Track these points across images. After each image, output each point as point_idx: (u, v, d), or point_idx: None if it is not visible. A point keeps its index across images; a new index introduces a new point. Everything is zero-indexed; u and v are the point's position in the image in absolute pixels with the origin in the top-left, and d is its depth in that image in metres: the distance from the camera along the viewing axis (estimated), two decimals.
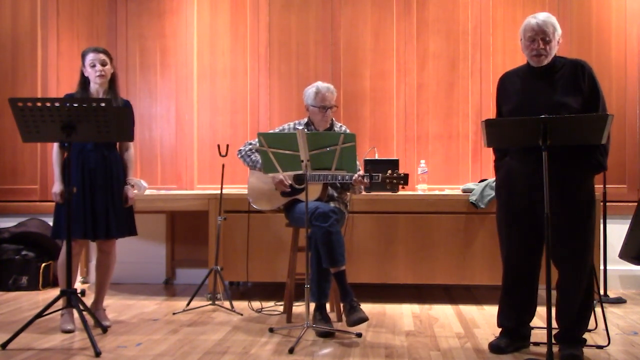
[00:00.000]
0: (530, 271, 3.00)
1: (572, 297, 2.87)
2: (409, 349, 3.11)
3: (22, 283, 4.70)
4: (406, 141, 4.96)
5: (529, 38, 2.90)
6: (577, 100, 2.84)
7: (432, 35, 4.96)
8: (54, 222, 3.55)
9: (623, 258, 4.23)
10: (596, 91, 2.85)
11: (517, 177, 2.94)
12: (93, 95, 3.56)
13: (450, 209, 4.22)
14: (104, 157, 3.51)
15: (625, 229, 4.21)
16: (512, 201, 2.97)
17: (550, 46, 2.89)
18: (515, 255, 2.99)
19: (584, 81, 2.85)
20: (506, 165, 3.02)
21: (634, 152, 4.78)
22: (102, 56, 3.52)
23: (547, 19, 2.89)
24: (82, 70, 3.57)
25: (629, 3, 4.81)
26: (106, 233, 3.49)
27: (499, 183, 3.09)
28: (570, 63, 2.92)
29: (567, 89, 2.86)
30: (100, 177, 3.49)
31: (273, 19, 5.07)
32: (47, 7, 5.19)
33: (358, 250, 4.23)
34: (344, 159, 3.24)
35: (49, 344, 3.18)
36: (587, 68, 2.88)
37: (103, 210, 3.47)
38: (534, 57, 2.90)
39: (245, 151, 3.81)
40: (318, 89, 3.68)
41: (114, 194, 3.52)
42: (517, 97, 2.97)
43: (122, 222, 3.55)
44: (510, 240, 3.00)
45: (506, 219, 3.01)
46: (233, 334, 3.39)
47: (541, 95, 2.88)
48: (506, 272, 3.04)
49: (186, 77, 5.13)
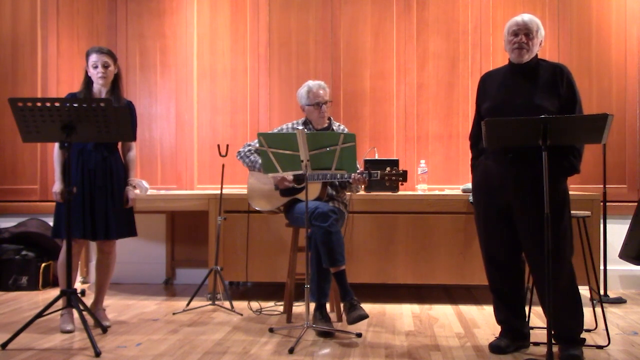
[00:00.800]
0: (514, 267, 3.02)
1: (550, 288, 2.84)
2: (409, 349, 3.11)
3: (22, 283, 4.71)
4: (406, 141, 4.96)
5: (512, 32, 2.94)
6: (554, 104, 2.86)
7: (432, 35, 4.96)
8: (54, 222, 3.55)
9: (623, 258, 4.23)
10: (573, 96, 2.89)
11: (493, 176, 2.95)
12: (96, 95, 3.55)
13: (450, 209, 4.22)
14: (104, 158, 3.51)
15: (625, 229, 4.21)
16: (489, 200, 2.99)
17: (533, 43, 2.92)
18: (495, 253, 3.01)
19: (562, 85, 2.88)
20: (482, 165, 3.04)
21: (634, 152, 4.78)
22: (104, 58, 3.50)
23: (532, 18, 2.95)
24: (86, 70, 3.56)
25: (629, 3, 4.81)
26: (105, 234, 3.49)
27: (475, 183, 3.10)
28: (550, 66, 2.96)
29: (545, 91, 2.89)
30: (100, 178, 3.48)
31: (273, 19, 5.07)
32: (47, 7, 5.19)
33: (358, 250, 4.23)
34: (344, 159, 3.24)
35: (49, 344, 3.18)
36: (565, 72, 2.91)
37: (102, 211, 3.47)
38: (516, 49, 2.92)
39: (244, 152, 3.82)
40: (309, 87, 3.71)
41: (114, 195, 3.51)
42: (496, 96, 3.00)
43: (122, 223, 3.55)
44: (489, 239, 3.03)
45: (484, 218, 3.03)
46: (233, 334, 3.39)
47: (520, 95, 2.92)
48: (489, 270, 3.07)
49: (186, 77, 5.13)
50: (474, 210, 3.13)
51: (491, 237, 3.02)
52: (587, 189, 4.59)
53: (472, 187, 3.16)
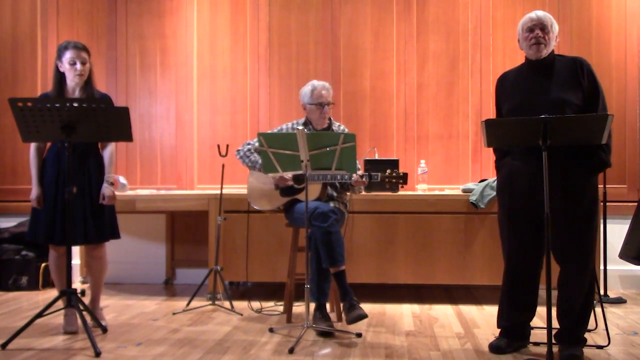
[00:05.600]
0: (532, 272, 2.99)
1: (575, 296, 2.87)
2: (409, 349, 3.11)
3: (22, 283, 4.71)
4: (406, 141, 4.96)
5: (527, 29, 2.92)
6: (577, 97, 2.83)
7: (432, 35, 4.96)
8: (29, 225, 3.42)
9: (623, 258, 4.22)
10: (596, 87, 2.86)
11: (519, 177, 2.93)
12: (69, 92, 3.42)
13: (450, 209, 4.22)
14: (81, 160, 3.39)
15: (625, 229, 4.21)
16: (514, 201, 2.96)
17: (549, 37, 2.90)
18: (517, 255, 2.98)
19: (584, 77, 2.85)
20: (507, 165, 3.01)
21: (634, 152, 4.78)
22: (83, 54, 3.36)
23: (545, 14, 2.95)
24: (57, 65, 3.38)
25: (629, 3, 4.81)
26: (84, 238, 3.37)
27: (500, 183, 3.07)
28: (569, 60, 2.94)
29: (567, 85, 2.85)
30: (77, 181, 3.32)
31: (273, 19, 5.07)
32: (47, 7, 5.19)
33: (358, 250, 4.23)
34: (344, 159, 3.24)
35: (49, 344, 3.18)
36: (586, 64, 2.88)
37: (80, 215, 3.33)
38: (534, 45, 2.89)
39: (244, 151, 3.81)
40: (314, 87, 3.70)
41: (92, 198, 3.38)
42: (516, 95, 2.96)
43: (102, 226, 3.42)
44: (512, 240, 2.99)
45: (508, 219, 2.99)
46: (233, 334, 3.39)
47: (541, 92, 2.88)
48: (507, 272, 3.04)
49: (186, 77, 5.13)
50: (498, 210, 3.08)
51: (515, 238, 2.97)
52: None
53: (497, 188, 3.12)
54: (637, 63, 4.79)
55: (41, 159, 3.46)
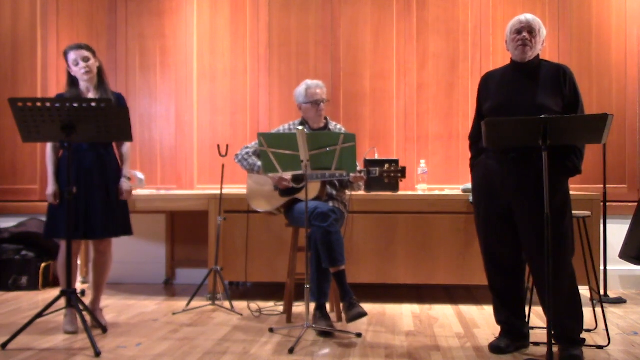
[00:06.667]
0: (514, 266, 3.02)
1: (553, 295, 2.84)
2: (409, 349, 3.11)
3: (22, 283, 4.71)
4: (406, 141, 4.96)
5: (515, 31, 2.95)
6: (557, 104, 2.87)
7: (432, 35, 4.96)
8: (46, 222, 3.53)
9: (623, 258, 4.23)
10: (576, 97, 2.91)
11: (494, 176, 2.95)
12: (83, 92, 3.51)
13: (450, 209, 4.22)
14: (99, 156, 3.49)
15: (625, 229, 4.21)
16: (490, 201, 2.98)
17: (536, 40, 2.93)
18: (494, 253, 3.02)
19: (566, 86, 2.89)
20: (482, 164, 3.03)
21: (634, 152, 4.78)
22: (83, 52, 3.45)
23: (535, 17, 2.97)
24: (68, 70, 3.51)
25: (629, 3, 4.81)
26: (102, 232, 3.46)
27: (475, 183, 3.10)
28: (554, 66, 2.97)
29: (548, 91, 2.89)
30: (97, 176, 3.46)
31: (273, 19, 5.07)
32: (47, 7, 5.19)
33: (358, 250, 4.23)
34: (344, 159, 3.24)
35: (49, 344, 3.18)
36: (569, 73, 2.92)
37: (99, 209, 3.43)
38: (520, 46, 2.92)
39: (242, 155, 3.82)
40: (308, 86, 3.73)
41: (110, 193, 3.49)
42: (499, 95, 2.99)
43: (117, 222, 3.51)
44: (489, 239, 3.02)
45: (484, 218, 3.02)
46: (233, 334, 3.39)
47: (523, 95, 2.91)
48: (488, 270, 3.07)
49: (186, 77, 5.13)
50: (474, 209, 3.12)
51: (491, 236, 3.02)
52: (587, 189, 4.59)
53: (472, 187, 3.15)
54: (637, 63, 4.79)
55: (57, 156, 3.53)
